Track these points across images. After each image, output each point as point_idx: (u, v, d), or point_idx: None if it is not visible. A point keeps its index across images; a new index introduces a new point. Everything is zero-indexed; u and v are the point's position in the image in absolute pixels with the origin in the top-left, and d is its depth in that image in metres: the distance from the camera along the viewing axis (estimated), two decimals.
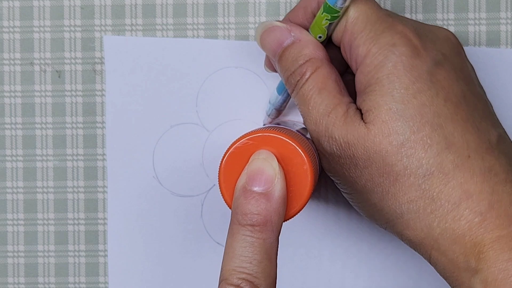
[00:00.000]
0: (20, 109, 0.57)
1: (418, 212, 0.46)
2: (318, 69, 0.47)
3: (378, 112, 0.46)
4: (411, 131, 0.45)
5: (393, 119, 0.45)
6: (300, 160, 0.45)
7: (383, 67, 0.46)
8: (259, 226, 0.43)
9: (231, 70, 0.56)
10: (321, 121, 0.47)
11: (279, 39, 0.49)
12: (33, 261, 0.57)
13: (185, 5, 0.56)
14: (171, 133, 0.56)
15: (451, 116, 0.46)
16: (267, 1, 0.56)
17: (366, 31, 0.47)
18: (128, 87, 0.56)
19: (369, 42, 0.47)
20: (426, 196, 0.45)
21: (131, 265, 0.56)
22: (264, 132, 0.45)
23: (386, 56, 0.46)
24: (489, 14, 0.55)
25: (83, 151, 0.57)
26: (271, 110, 0.54)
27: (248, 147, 0.45)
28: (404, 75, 0.46)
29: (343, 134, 0.46)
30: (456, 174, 0.45)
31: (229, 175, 0.45)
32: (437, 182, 0.45)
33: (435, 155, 0.45)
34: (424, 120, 0.45)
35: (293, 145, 0.45)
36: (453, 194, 0.45)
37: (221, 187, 0.46)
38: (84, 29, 0.56)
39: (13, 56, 0.56)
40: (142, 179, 0.56)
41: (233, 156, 0.46)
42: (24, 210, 0.57)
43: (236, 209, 0.44)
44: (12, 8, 0.56)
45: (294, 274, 0.56)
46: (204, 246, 0.56)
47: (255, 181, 0.44)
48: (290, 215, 0.45)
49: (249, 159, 0.45)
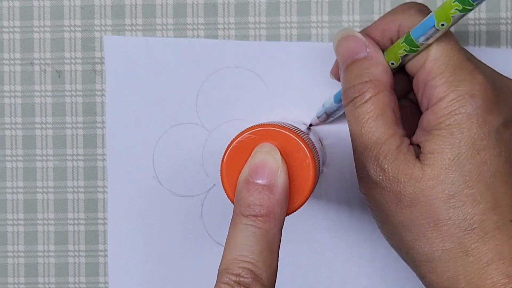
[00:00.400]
0: (20, 109, 0.57)
1: (449, 261, 0.46)
2: (380, 94, 0.47)
3: (439, 159, 0.46)
4: (465, 185, 0.45)
5: (452, 170, 0.45)
6: (302, 155, 0.45)
7: (457, 115, 0.46)
8: (262, 217, 0.43)
9: (231, 70, 0.56)
10: (372, 148, 0.47)
11: (354, 49, 0.48)
12: (33, 261, 0.57)
13: (185, 5, 0.56)
14: (171, 133, 0.56)
15: (506, 178, 0.46)
16: (267, 1, 0.56)
17: (445, 74, 0.46)
18: (128, 87, 0.56)
19: (447, 87, 0.46)
20: (461, 249, 0.46)
21: (131, 265, 0.56)
22: (266, 126, 0.45)
23: (463, 105, 0.46)
24: (489, 14, 0.55)
25: (83, 151, 0.57)
26: (322, 113, 0.54)
27: (250, 141, 0.45)
28: (475, 129, 0.45)
29: (394, 168, 0.46)
30: (495, 235, 0.45)
31: (232, 169, 0.46)
32: (475, 238, 0.45)
33: (481, 213, 0.45)
34: (480, 178, 0.45)
35: (295, 139, 0.45)
36: (487, 253, 0.45)
37: (223, 181, 0.46)
38: (84, 29, 0.56)
39: (13, 56, 0.56)
40: (142, 179, 0.56)
41: (236, 150, 0.46)
42: (24, 210, 0.57)
43: (239, 201, 0.44)
44: (12, 8, 0.56)
45: (296, 271, 0.56)
46: (204, 246, 0.56)
47: (258, 173, 0.44)
48: (293, 209, 0.45)
49: (252, 152, 0.45)
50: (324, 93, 0.55)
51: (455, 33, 0.55)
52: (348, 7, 0.55)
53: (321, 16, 0.55)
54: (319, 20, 0.55)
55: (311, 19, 0.56)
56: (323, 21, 0.55)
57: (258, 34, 0.56)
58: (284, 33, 0.55)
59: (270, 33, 0.56)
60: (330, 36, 0.55)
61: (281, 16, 0.55)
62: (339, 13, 0.55)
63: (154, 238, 0.56)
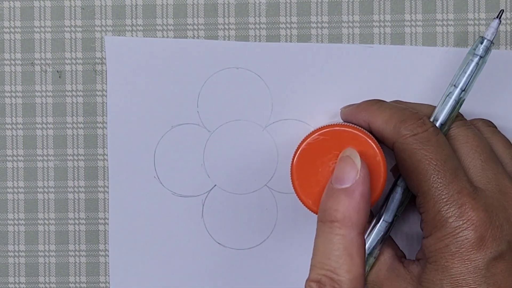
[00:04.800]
0: (21, 109, 0.57)
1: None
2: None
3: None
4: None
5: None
6: (372, 152, 0.45)
7: (442, 253, 0.46)
8: (338, 222, 0.43)
9: (232, 71, 0.56)
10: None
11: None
12: (34, 260, 0.57)
13: (185, 6, 0.56)
14: (172, 133, 0.56)
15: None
16: (267, 2, 0.56)
17: (433, 211, 0.47)
18: (129, 87, 0.56)
19: (433, 225, 0.46)
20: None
21: (132, 265, 0.56)
22: (333, 127, 0.46)
23: (447, 244, 0.46)
24: (488, 14, 0.55)
25: (83, 151, 0.57)
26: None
27: (319, 142, 0.46)
28: (458, 268, 0.46)
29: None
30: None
31: (302, 171, 0.46)
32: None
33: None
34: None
35: (363, 137, 0.45)
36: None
37: (295, 184, 0.46)
38: (84, 30, 0.56)
39: (14, 56, 0.56)
40: (143, 179, 0.56)
41: (305, 152, 0.46)
42: (25, 210, 0.57)
43: (320, 206, 0.45)
44: (13, 8, 0.56)
45: None
46: (205, 246, 0.56)
47: (338, 179, 0.44)
48: None
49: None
50: (324, 93, 0.55)
51: (455, 33, 0.55)
52: (348, 7, 0.56)
53: (321, 16, 0.56)
54: (319, 21, 0.56)
55: (311, 20, 0.56)
56: (323, 21, 0.56)
57: (258, 35, 0.56)
58: (284, 33, 0.56)
59: (270, 34, 0.56)
60: (330, 36, 0.56)
61: (281, 17, 0.56)
62: (339, 13, 0.56)
63: (155, 238, 0.56)
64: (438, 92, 0.54)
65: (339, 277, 0.43)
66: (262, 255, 0.56)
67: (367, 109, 0.49)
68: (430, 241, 0.47)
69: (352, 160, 0.44)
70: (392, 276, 0.49)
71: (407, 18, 0.55)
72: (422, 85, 0.55)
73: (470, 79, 0.49)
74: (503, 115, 0.55)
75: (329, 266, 0.43)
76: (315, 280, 0.43)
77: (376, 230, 0.50)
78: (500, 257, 0.46)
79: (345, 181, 0.44)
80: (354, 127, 0.46)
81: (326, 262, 0.43)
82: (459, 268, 0.46)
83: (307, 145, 0.46)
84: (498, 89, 0.55)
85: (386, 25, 0.55)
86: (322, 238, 0.43)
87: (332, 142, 0.46)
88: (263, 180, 0.56)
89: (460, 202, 0.46)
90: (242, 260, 0.56)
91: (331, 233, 0.43)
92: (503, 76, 0.55)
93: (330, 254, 0.43)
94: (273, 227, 0.56)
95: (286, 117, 0.55)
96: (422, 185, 0.47)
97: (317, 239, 0.44)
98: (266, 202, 0.55)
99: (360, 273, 0.43)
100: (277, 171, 0.55)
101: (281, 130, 0.55)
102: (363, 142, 0.45)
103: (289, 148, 0.55)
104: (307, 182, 0.46)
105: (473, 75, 0.49)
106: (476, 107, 0.55)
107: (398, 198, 0.50)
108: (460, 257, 0.46)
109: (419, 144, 0.47)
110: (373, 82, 0.55)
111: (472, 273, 0.45)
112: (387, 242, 0.51)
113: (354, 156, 0.45)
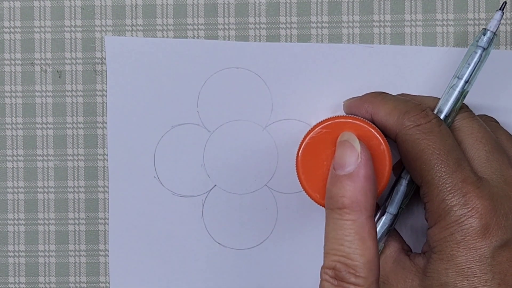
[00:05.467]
0: (21, 109, 0.57)
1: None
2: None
3: (435, 282, 0.46)
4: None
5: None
6: (376, 141, 0.45)
7: (447, 242, 0.46)
8: (346, 208, 0.43)
9: (232, 71, 0.56)
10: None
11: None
12: (34, 260, 0.57)
13: (185, 6, 0.56)
14: (172, 133, 0.56)
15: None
16: (267, 1, 0.56)
17: (437, 200, 0.46)
18: (130, 87, 0.56)
19: (439, 214, 0.46)
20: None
21: (132, 265, 0.56)
22: (335, 119, 0.46)
23: (452, 233, 0.46)
24: (488, 14, 0.55)
25: (83, 151, 0.57)
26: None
27: (322, 135, 0.46)
28: (464, 256, 0.46)
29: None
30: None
31: (307, 165, 0.46)
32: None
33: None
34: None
35: (366, 127, 0.45)
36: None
37: (301, 179, 0.46)
38: (84, 30, 0.56)
39: (14, 56, 0.56)
40: (143, 179, 0.56)
41: (309, 147, 0.46)
42: (25, 210, 0.57)
43: (326, 195, 0.44)
44: (13, 8, 0.56)
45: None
46: (204, 246, 0.56)
47: (339, 165, 0.44)
48: None
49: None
50: (324, 93, 0.55)
51: (455, 33, 0.55)
52: (348, 7, 0.56)
53: (321, 16, 0.56)
54: (319, 21, 0.56)
55: (311, 20, 0.56)
56: (323, 21, 0.56)
57: (258, 35, 0.56)
58: (284, 33, 0.56)
59: (270, 34, 0.56)
60: (330, 36, 0.56)
61: (281, 17, 0.56)
62: (339, 13, 0.56)
63: (155, 238, 0.56)
64: (438, 92, 0.54)
65: (353, 262, 0.42)
66: (262, 255, 0.56)
67: (370, 101, 0.49)
68: (435, 230, 0.47)
69: (351, 144, 0.44)
70: (398, 269, 0.49)
71: (407, 18, 0.55)
72: (422, 85, 0.55)
73: (473, 70, 0.50)
74: (503, 115, 0.55)
75: (342, 252, 0.43)
76: (330, 267, 0.43)
77: (381, 222, 0.50)
78: (505, 246, 0.46)
79: (346, 166, 0.44)
80: (356, 118, 0.45)
81: (339, 248, 0.43)
82: (465, 256, 0.45)
83: (310, 139, 0.46)
84: (498, 89, 0.55)
85: (386, 25, 0.55)
86: (333, 225, 0.43)
87: (335, 135, 0.46)
88: (263, 180, 0.56)
89: (465, 190, 0.46)
90: (242, 260, 0.56)
91: (341, 219, 0.43)
92: (503, 76, 0.55)
93: (342, 240, 0.43)
94: (273, 227, 0.56)
95: (286, 117, 0.55)
96: (426, 175, 0.47)
97: (328, 227, 0.43)
98: (266, 202, 0.56)
99: (374, 255, 0.43)
100: (277, 171, 0.55)
101: (281, 130, 0.55)
102: (366, 132, 0.45)
103: (289, 148, 0.55)
104: (313, 176, 0.46)
105: (477, 66, 0.50)
106: (476, 107, 0.55)
107: (403, 191, 0.50)
108: (466, 245, 0.45)
109: (422, 135, 0.47)
110: (373, 82, 0.55)
111: (477, 262, 0.45)
112: (394, 236, 0.51)
113: (353, 139, 0.44)
